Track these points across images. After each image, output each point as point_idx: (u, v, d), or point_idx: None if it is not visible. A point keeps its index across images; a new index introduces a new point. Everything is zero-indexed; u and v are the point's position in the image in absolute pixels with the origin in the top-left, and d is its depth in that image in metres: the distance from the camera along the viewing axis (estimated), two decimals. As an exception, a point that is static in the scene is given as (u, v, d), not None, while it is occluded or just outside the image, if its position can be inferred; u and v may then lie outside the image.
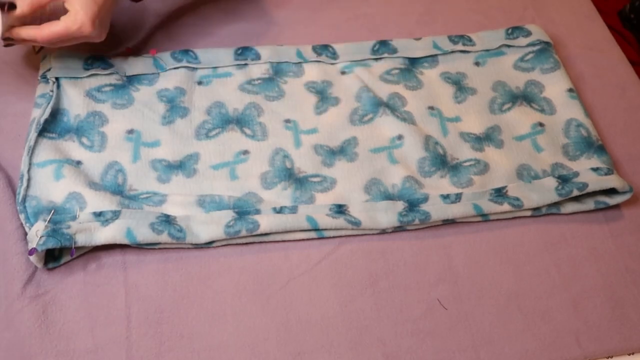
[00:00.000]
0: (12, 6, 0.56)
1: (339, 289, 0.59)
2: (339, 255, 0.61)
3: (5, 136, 0.65)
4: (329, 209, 0.62)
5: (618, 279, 0.62)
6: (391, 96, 0.71)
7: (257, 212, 0.60)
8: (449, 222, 0.64)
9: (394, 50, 0.75)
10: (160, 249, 0.59)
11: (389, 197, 0.64)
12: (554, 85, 0.74)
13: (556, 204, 0.65)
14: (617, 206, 0.67)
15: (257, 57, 0.73)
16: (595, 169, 0.66)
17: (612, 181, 0.64)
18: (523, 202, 0.63)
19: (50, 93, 0.65)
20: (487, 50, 0.77)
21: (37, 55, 0.71)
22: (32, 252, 0.53)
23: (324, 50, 0.74)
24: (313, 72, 0.73)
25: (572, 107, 0.72)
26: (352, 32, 0.79)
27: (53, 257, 0.57)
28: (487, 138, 0.70)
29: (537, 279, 0.62)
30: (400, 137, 0.68)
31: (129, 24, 0.76)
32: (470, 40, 0.78)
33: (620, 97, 0.77)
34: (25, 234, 0.56)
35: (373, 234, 0.62)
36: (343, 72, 0.73)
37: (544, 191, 0.64)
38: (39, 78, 0.67)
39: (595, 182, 0.64)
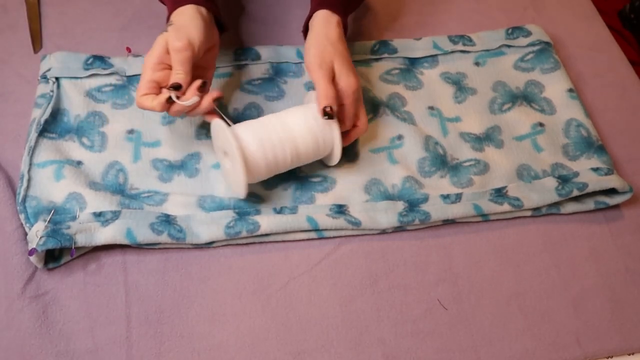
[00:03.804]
0: (178, 87, 0.55)
1: (339, 289, 0.59)
2: (339, 255, 0.61)
3: (5, 136, 0.65)
4: (329, 209, 0.62)
5: (618, 279, 0.62)
6: (391, 96, 0.71)
7: (258, 212, 0.60)
8: (449, 222, 0.64)
9: (394, 50, 0.75)
10: (160, 249, 0.59)
11: (389, 197, 0.64)
12: (554, 85, 0.74)
13: (556, 204, 0.65)
14: (617, 206, 0.67)
15: (257, 57, 0.73)
16: (595, 169, 0.66)
17: (612, 181, 0.64)
18: (523, 202, 0.63)
19: (51, 93, 0.65)
20: (487, 50, 0.77)
21: (37, 55, 0.71)
22: (32, 252, 0.53)
23: (324, 50, 0.74)
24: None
25: (572, 107, 0.72)
26: (352, 32, 0.79)
27: (53, 257, 0.57)
28: (487, 138, 0.70)
29: (537, 279, 0.62)
30: (400, 137, 0.68)
31: (129, 24, 0.76)
32: (470, 40, 0.78)
33: (620, 97, 0.77)
34: (25, 234, 0.56)
35: (373, 234, 0.62)
36: (343, 72, 0.73)
37: (544, 191, 0.64)
38: (39, 78, 0.67)
39: (595, 182, 0.64)
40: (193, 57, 0.56)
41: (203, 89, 0.56)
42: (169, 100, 0.55)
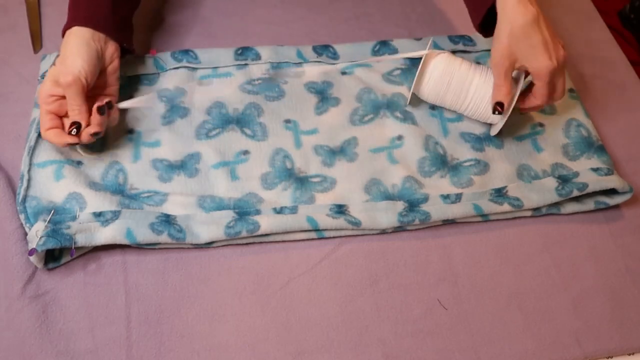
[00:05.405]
0: (79, 126, 0.58)
1: (339, 289, 0.59)
2: (339, 255, 0.61)
3: (5, 136, 0.65)
4: (329, 209, 0.62)
5: (618, 279, 0.62)
6: (392, 96, 0.71)
7: (258, 212, 0.60)
8: (449, 222, 0.64)
9: (395, 51, 0.75)
10: (160, 249, 0.59)
11: (389, 197, 0.64)
12: (554, 85, 0.74)
13: (556, 204, 0.65)
14: (617, 206, 0.67)
15: (257, 57, 0.73)
16: (595, 169, 0.66)
17: (612, 181, 0.64)
18: (523, 202, 0.63)
19: (51, 93, 0.65)
20: (488, 50, 0.77)
21: (37, 55, 0.71)
22: (32, 252, 0.53)
23: (325, 50, 0.74)
24: (313, 72, 0.72)
25: (572, 107, 0.72)
26: (352, 32, 0.79)
27: (53, 257, 0.57)
28: (488, 138, 0.70)
29: (537, 279, 0.62)
30: (400, 137, 0.68)
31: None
32: (470, 40, 0.77)
33: (620, 97, 0.77)
34: (25, 234, 0.56)
35: (373, 234, 0.62)
36: (344, 73, 0.73)
37: (544, 191, 0.64)
38: (39, 78, 0.67)
39: (596, 182, 0.64)
40: (82, 88, 0.58)
41: (104, 111, 0.59)
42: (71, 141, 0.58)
